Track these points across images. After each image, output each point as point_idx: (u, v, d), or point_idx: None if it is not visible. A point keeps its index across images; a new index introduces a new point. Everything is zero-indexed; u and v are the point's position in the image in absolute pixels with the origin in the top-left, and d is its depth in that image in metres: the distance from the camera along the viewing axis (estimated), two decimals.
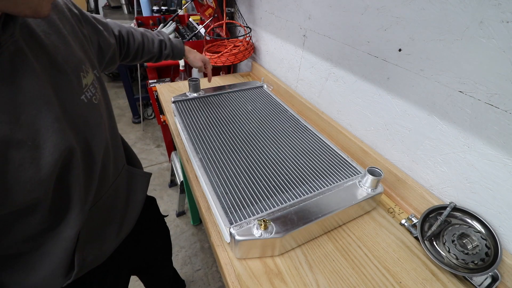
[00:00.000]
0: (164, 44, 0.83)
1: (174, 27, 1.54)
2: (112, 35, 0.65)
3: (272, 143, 0.79)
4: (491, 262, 0.52)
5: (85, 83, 0.46)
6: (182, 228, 1.62)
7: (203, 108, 0.94)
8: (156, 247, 0.88)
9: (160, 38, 0.83)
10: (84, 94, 0.45)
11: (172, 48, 0.85)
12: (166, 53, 0.85)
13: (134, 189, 0.65)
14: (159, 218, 0.91)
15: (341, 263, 0.56)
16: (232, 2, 1.44)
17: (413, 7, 0.59)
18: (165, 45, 0.84)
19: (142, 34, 0.79)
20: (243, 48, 1.24)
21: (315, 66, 0.96)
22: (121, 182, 0.60)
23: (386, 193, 0.74)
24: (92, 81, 0.48)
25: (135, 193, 0.65)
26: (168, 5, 2.43)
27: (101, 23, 0.61)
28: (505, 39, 0.46)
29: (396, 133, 0.72)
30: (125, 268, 0.72)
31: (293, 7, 0.99)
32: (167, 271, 1.05)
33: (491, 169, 0.54)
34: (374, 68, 0.73)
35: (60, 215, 0.45)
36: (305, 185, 0.65)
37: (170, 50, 0.85)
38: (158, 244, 0.90)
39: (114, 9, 3.19)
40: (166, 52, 0.84)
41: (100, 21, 0.61)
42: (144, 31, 0.80)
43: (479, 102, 0.53)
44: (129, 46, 0.75)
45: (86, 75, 0.46)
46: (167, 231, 0.96)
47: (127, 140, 0.73)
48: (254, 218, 0.56)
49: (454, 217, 0.60)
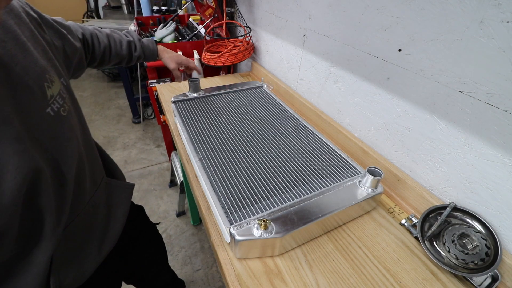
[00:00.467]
0: (133, 45, 0.77)
1: (174, 27, 1.54)
2: (76, 38, 0.60)
3: (272, 143, 0.79)
4: (491, 262, 0.52)
5: (50, 94, 0.41)
6: (182, 228, 1.62)
7: (203, 108, 0.94)
8: (147, 257, 0.85)
9: (128, 39, 0.76)
10: (50, 106, 0.41)
11: (143, 49, 0.79)
12: (136, 55, 0.78)
13: (115, 202, 0.61)
14: (149, 227, 0.87)
15: (341, 263, 0.56)
16: (232, 2, 1.44)
17: (413, 7, 0.59)
18: (134, 46, 0.77)
19: (108, 35, 0.72)
20: (243, 48, 1.24)
21: (315, 66, 0.96)
22: (100, 197, 0.56)
23: (386, 193, 0.74)
24: (59, 91, 0.43)
25: (116, 206, 0.61)
26: (168, 5, 2.43)
27: (63, 26, 0.56)
28: (505, 39, 0.46)
29: (396, 133, 0.72)
30: (114, 281, 0.69)
31: (293, 7, 0.99)
32: (163, 278, 1.02)
33: (491, 169, 0.54)
34: (374, 68, 0.73)
35: (30, 241, 0.42)
36: (305, 185, 0.65)
37: (140, 52, 0.78)
38: (150, 254, 0.86)
39: (114, 9, 3.19)
40: (136, 54, 0.78)
41: (62, 24, 0.56)
42: (110, 32, 0.74)
43: (479, 102, 0.53)
44: (94, 50, 0.69)
45: (52, 85, 0.42)
46: (158, 239, 0.92)
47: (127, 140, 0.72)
48: (254, 218, 0.56)
49: (454, 217, 0.59)
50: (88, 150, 0.52)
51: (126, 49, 0.75)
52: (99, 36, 0.70)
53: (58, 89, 0.43)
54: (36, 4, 0.57)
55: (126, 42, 0.75)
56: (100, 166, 0.58)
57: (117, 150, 2.23)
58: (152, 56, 0.82)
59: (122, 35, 0.76)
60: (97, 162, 0.56)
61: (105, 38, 0.71)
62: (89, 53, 0.68)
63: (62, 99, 0.44)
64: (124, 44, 0.75)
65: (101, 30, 0.71)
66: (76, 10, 3.96)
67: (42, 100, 0.40)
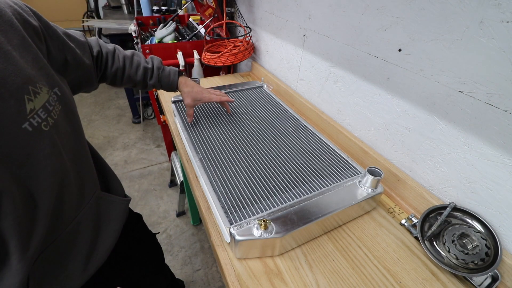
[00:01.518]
0: (149, 73, 0.72)
1: (174, 27, 1.54)
2: (88, 54, 0.58)
3: (272, 143, 0.79)
4: (491, 262, 0.52)
5: (30, 108, 0.38)
6: (182, 228, 1.62)
7: (203, 108, 0.94)
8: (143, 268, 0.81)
9: (145, 66, 0.72)
10: (28, 121, 0.38)
11: (160, 78, 0.74)
12: (151, 83, 0.74)
13: (107, 218, 0.58)
14: (147, 236, 0.83)
15: (341, 263, 0.56)
16: (232, 2, 1.44)
17: (413, 7, 0.59)
18: (150, 74, 0.73)
19: (125, 57, 0.69)
20: (243, 48, 1.24)
21: (315, 66, 0.96)
22: (89, 213, 0.53)
23: (386, 193, 0.74)
24: (44, 104, 0.40)
25: (108, 222, 0.58)
26: (168, 5, 2.42)
27: (74, 40, 0.54)
28: (505, 39, 0.46)
29: (396, 133, 0.72)
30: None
31: (293, 7, 0.99)
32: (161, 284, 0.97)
33: (491, 169, 0.54)
34: (374, 68, 0.73)
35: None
36: (305, 185, 0.65)
37: (156, 81, 0.74)
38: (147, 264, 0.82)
39: (114, 9, 3.19)
40: (151, 82, 0.73)
41: (74, 38, 0.54)
42: (131, 55, 0.71)
43: (479, 102, 0.53)
44: (106, 69, 0.67)
45: (34, 98, 0.39)
46: (157, 249, 0.88)
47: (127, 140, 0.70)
48: (254, 218, 0.56)
49: (454, 217, 0.59)
50: (78, 164, 0.49)
51: (141, 75, 0.71)
52: (116, 56, 0.68)
53: (43, 102, 0.40)
54: (36, 4, 0.56)
55: (143, 68, 0.71)
56: (93, 179, 0.54)
57: (117, 150, 2.23)
58: (170, 87, 0.77)
59: (142, 60, 0.72)
60: (90, 176, 0.53)
61: (121, 60, 0.68)
62: (100, 71, 0.66)
63: (47, 113, 0.40)
64: (140, 70, 0.71)
65: (122, 51, 0.69)
66: (76, 10, 3.96)
67: (18, 115, 0.37)
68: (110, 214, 0.58)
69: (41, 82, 0.40)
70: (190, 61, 1.41)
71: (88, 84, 0.60)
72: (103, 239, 0.57)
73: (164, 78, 0.75)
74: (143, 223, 0.81)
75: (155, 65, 0.74)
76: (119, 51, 0.69)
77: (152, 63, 0.74)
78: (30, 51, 0.40)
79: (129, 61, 0.70)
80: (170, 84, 0.76)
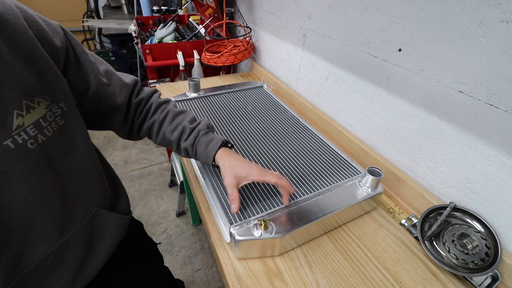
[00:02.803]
0: (187, 133, 0.60)
1: (174, 27, 1.54)
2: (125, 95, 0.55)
3: (272, 143, 0.79)
4: (491, 262, 0.52)
5: (18, 124, 0.35)
6: (182, 228, 1.62)
7: (203, 108, 0.94)
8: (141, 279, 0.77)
9: (185, 125, 0.60)
10: (11, 138, 0.34)
11: (196, 149, 0.60)
12: (183, 146, 0.61)
13: (102, 235, 0.54)
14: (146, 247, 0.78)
15: (341, 263, 0.56)
16: (232, 2, 1.44)
17: (413, 7, 0.59)
18: (188, 134, 0.60)
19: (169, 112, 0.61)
20: (243, 48, 1.24)
21: (315, 66, 0.96)
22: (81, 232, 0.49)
23: (386, 193, 0.74)
24: (37, 120, 0.37)
25: (102, 240, 0.54)
26: (168, 5, 2.43)
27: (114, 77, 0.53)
28: (505, 39, 0.46)
29: (396, 133, 0.72)
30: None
31: (293, 7, 0.99)
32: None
33: (491, 169, 0.54)
34: (374, 68, 0.73)
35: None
36: (305, 185, 0.65)
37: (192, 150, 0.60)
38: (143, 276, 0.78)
39: (114, 9, 3.19)
40: (185, 145, 0.60)
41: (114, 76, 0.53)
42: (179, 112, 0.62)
43: (479, 102, 0.53)
44: (145, 120, 0.61)
45: (27, 112, 0.36)
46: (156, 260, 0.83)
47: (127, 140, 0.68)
48: (254, 218, 0.56)
49: (454, 217, 0.60)
50: (73, 183, 0.45)
51: (177, 134, 0.61)
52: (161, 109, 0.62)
53: (38, 117, 0.37)
54: (36, 5, 0.56)
55: (182, 127, 0.60)
56: (92, 198, 0.50)
57: (117, 150, 2.23)
58: (204, 159, 0.60)
59: (187, 119, 0.62)
60: (87, 194, 0.49)
61: (164, 114, 0.61)
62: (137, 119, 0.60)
63: (37, 129, 0.37)
64: (179, 128, 0.61)
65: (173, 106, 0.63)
66: (76, 10, 3.95)
67: (1, 131, 0.34)
68: (106, 231, 0.55)
69: (42, 95, 0.38)
70: (190, 61, 1.41)
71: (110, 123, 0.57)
72: (95, 255, 0.53)
73: (199, 147, 0.59)
74: (143, 232, 0.77)
75: (201, 128, 0.61)
76: (171, 105, 0.63)
77: (196, 124, 0.62)
78: (39, 61, 0.37)
79: (172, 115, 0.61)
80: (205, 156, 0.59)
